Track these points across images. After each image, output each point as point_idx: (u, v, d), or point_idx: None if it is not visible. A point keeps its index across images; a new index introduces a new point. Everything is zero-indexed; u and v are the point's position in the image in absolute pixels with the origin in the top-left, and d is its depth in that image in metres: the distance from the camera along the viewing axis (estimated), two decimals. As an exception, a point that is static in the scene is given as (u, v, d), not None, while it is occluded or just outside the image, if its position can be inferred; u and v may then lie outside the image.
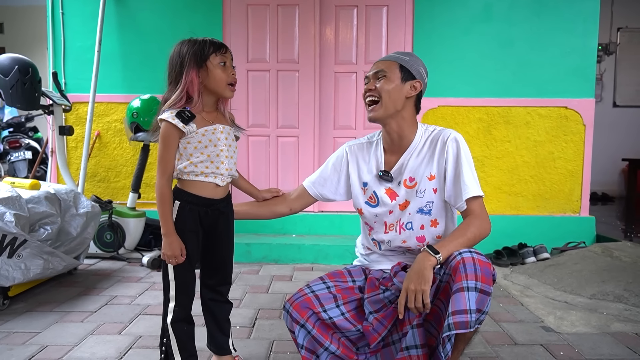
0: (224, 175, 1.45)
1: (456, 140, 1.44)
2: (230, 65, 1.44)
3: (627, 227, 3.98)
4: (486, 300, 1.25)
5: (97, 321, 2.05)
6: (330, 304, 1.45)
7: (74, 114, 3.51)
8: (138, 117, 3.03)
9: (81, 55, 3.48)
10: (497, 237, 3.27)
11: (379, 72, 1.46)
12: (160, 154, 1.39)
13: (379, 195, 1.52)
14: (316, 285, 1.48)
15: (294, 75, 3.51)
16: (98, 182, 3.58)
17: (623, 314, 2.18)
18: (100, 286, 2.54)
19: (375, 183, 1.53)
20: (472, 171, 1.43)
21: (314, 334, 1.42)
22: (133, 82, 3.48)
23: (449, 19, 3.37)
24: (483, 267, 1.26)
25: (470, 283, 1.23)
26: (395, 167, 1.50)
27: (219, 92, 1.44)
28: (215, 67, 1.40)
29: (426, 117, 3.42)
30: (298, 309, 1.42)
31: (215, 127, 1.43)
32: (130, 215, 3.10)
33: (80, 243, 2.57)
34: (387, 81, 1.45)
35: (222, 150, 1.43)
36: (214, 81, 1.41)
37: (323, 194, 1.63)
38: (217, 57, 1.40)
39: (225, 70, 1.42)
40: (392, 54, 1.52)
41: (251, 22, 3.49)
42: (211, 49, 1.40)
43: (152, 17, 3.46)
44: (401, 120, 1.48)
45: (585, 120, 3.37)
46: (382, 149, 1.55)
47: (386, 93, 1.44)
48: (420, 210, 1.48)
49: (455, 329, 1.21)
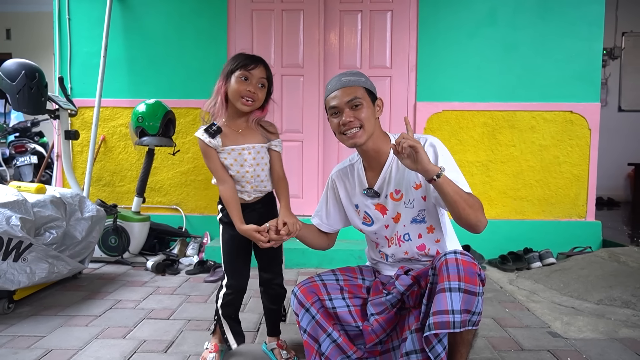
0: (249, 192, 1.60)
1: (432, 145, 1.45)
2: (254, 81, 1.51)
3: (634, 232, 3.95)
4: (473, 300, 1.25)
5: (101, 325, 2.05)
6: (336, 294, 1.49)
7: (80, 118, 3.52)
8: (143, 121, 3.04)
9: (87, 60, 3.50)
10: (502, 242, 3.29)
11: (354, 101, 1.44)
12: (207, 166, 1.56)
13: (370, 214, 1.55)
14: (326, 275, 1.54)
15: (298, 79, 3.52)
16: (103, 186, 3.59)
17: (631, 319, 2.15)
18: (105, 290, 2.54)
19: (363, 203, 1.56)
20: (456, 171, 1.43)
21: (318, 319, 1.45)
22: (138, 86, 3.50)
23: (453, 23, 3.37)
24: (467, 268, 1.26)
25: (453, 284, 1.24)
26: (378, 183, 1.52)
27: (233, 104, 1.53)
28: (235, 80, 1.50)
29: (430, 121, 3.41)
30: (305, 292, 1.47)
31: (243, 148, 1.55)
32: (134, 219, 3.10)
33: (85, 247, 2.58)
34: (363, 109, 1.44)
35: (248, 172, 1.56)
36: (230, 92, 1.52)
37: (335, 227, 1.68)
38: (240, 71, 1.50)
39: (242, 84, 1.50)
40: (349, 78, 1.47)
41: (256, 26, 3.51)
42: (239, 64, 1.50)
43: (157, 21, 3.48)
44: (376, 138, 1.49)
45: (590, 124, 3.36)
46: (362, 168, 1.57)
47: (367, 120, 1.45)
48: (414, 220, 1.49)
49: (435, 329, 1.21)
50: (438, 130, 3.40)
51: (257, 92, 1.51)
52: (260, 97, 1.53)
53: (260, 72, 1.52)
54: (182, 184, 3.56)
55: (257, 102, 1.54)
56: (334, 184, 1.63)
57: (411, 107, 3.46)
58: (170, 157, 3.48)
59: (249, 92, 1.50)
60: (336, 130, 1.48)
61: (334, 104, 1.46)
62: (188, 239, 3.37)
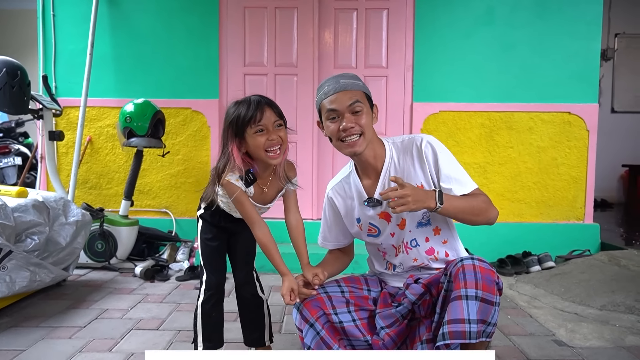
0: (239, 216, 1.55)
1: (430, 144, 1.40)
2: (271, 128, 1.39)
3: (630, 234, 3.92)
4: (490, 310, 1.19)
5: (86, 337, 1.94)
6: (342, 307, 1.41)
7: (65, 118, 3.40)
8: (131, 121, 2.94)
9: (73, 59, 3.38)
10: (500, 245, 3.23)
11: (355, 105, 1.35)
12: (241, 210, 1.47)
13: (376, 224, 1.47)
14: (330, 287, 1.44)
15: (292, 79, 3.43)
16: (89, 189, 3.47)
17: (636, 326, 2.10)
18: (91, 299, 2.43)
19: (366, 214, 1.47)
20: (459, 167, 1.40)
21: (323, 335, 1.37)
22: (126, 85, 3.38)
23: (450, 21, 3.30)
24: (485, 275, 1.20)
25: (470, 291, 1.17)
26: (377, 190, 1.44)
27: (261, 160, 1.43)
28: (252, 135, 1.39)
29: (427, 122, 3.34)
30: (309, 307, 1.38)
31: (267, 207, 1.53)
32: (122, 223, 2.99)
33: (69, 253, 2.46)
34: (363, 114, 1.37)
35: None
36: (253, 149, 1.41)
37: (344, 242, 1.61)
38: (252, 128, 1.38)
39: (261, 137, 1.39)
40: (348, 81, 1.39)
41: (248, 24, 3.41)
42: (246, 119, 1.37)
43: (146, 18, 3.36)
44: (373, 144, 1.42)
45: (588, 125, 3.31)
46: (358, 179, 1.48)
47: (367, 127, 1.37)
48: (420, 224, 1.43)
49: (450, 338, 1.15)
50: (435, 131, 3.34)
51: (277, 135, 1.40)
52: (283, 137, 1.42)
53: (270, 115, 1.40)
54: (172, 186, 3.45)
55: (284, 145, 1.43)
56: (332, 202, 1.54)
57: (407, 108, 3.38)
58: (159, 159, 3.37)
59: (272, 142, 1.39)
60: (334, 137, 1.39)
61: (334, 107, 1.37)
62: (178, 243, 3.26)
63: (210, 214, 1.60)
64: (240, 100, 1.43)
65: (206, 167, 3.40)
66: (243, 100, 1.42)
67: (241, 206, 1.45)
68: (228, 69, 3.42)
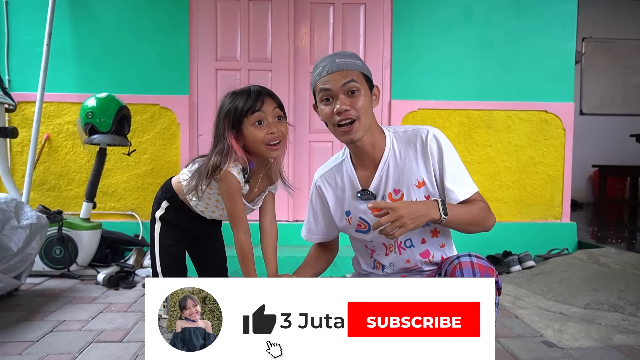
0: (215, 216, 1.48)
1: (436, 138, 1.29)
2: (270, 120, 1.28)
3: (604, 232, 3.97)
4: None
5: (39, 353, 1.73)
6: None
7: (20, 114, 3.14)
8: (93, 117, 2.73)
9: (28, 50, 3.13)
10: (480, 245, 3.16)
11: (350, 85, 1.22)
12: (231, 207, 1.32)
13: (367, 219, 1.34)
14: None
15: (266, 75, 3.29)
16: (47, 190, 3.22)
17: (622, 324, 2.06)
18: (46, 309, 2.21)
19: (357, 207, 1.34)
20: (463, 167, 1.32)
21: None
22: (88, 79, 3.16)
23: (428, 18, 3.25)
24: (484, 273, 1.13)
25: None
26: (374, 182, 1.31)
27: (261, 154, 1.31)
28: (250, 128, 1.28)
29: (406, 120, 3.27)
30: None
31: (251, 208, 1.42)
32: (83, 227, 2.77)
33: (22, 260, 2.24)
34: (360, 96, 1.23)
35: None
36: (251, 144, 1.29)
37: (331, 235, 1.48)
38: (251, 117, 1.27)
39: (259, 129, 1.27)
40: (345, 60, 1.25)
41: (220, 17, 3.25)
42: (244, 109, 1.26)
43: (110, 8, 3.15)
44: (372, 131, 1.29)
45: (565, 124, 3.32)
46: (352, 167, 1.35)
47: (364, 111, 1.24)
48: None
49: None
50: (414, 129, 3.26)
51: (278, 129, 1.29)
52: (284, 132, 1.31)
53: (270, 105, 1.29)
54: (138, 187, 3.24)
55: (284, 139, 1.32)
56: (319, 191, 1.41)
57: (386, 106, 3.30)
58: (124, 158, 3.16)
59: (272, 134, 1.28)
60: (328, 121, 1.26)
61: (327, 86, 1.23)
62: (145, 248, 3.06)
63: (173, 215, 1.46)
64: (238, 91, 1.31)
65: (175, 167, 3.21)
66: (241, 91, 1.30)
67: (233, 203, 1.31)
68: (199, 63, 3.26)
